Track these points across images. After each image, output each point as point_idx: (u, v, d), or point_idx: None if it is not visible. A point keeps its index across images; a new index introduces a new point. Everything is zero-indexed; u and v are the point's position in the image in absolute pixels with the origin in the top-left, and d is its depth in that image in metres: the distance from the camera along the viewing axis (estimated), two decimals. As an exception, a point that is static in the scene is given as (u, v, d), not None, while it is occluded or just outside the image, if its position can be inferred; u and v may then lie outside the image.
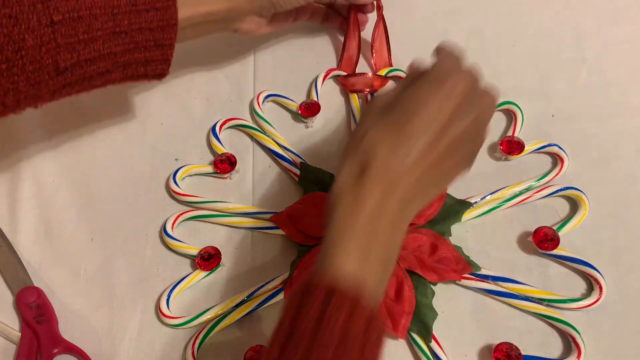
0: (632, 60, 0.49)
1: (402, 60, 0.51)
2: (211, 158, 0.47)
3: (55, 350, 0.40)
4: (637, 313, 0.39)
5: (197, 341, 0.39)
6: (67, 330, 0.41)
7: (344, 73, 0.51)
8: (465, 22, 0.53)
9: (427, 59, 0.50)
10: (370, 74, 0.50)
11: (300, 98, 0.50)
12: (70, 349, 0.40)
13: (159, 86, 0.52)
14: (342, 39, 0.52)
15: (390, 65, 0.51)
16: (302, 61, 0.52)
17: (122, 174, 0.47)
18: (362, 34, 0.52)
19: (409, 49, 0.51)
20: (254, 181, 0.46)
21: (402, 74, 0.49)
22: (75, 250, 0.44)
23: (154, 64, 0.40)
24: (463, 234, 0.42)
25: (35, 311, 0.41)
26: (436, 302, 0.40)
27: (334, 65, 0.52)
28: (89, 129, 0.50)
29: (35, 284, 0.43)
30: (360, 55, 0.52)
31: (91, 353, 0.40)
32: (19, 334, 0.41)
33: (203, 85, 0.52)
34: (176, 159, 0.48)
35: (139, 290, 0.42)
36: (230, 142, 0.48)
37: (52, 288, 0.43)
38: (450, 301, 0.40)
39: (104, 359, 0.40)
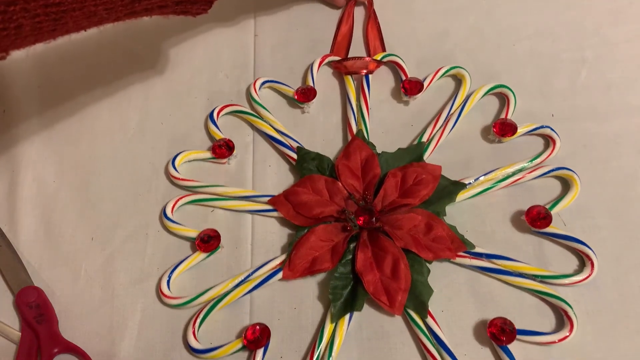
0: (632, 60, 0.49)
1: (403, 59, 0.51)
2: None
3: (56, 350, 0.40)
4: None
5: (198, 320, 0.40)
6: (67, 330, 0.41)
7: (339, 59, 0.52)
8: (465, 22, 0.53)
9: (427, 58, 0.51)
10: (366, 57, 0.51)
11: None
12: (71, 348, 0.40)
13: (159, 86, 0.52)
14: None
15: (384, 51, 0.52)
16: (302, 63, 0.52)
17: (122, 174, 0.47)
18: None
19: (409, 48, 0.52)
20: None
21: (397, 59, 0.50)
22: (75, 250, 0.44)
23: (199, 4, 0.44)
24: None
25: (35, 311, 0.41)
26: (432, 280, 0.40)
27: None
28: (89, 129, 0.50)
29: (35, 284, 0.43)
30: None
31: (91, 353, 0.40)
32: (19, 333, 0.41)
33: (203, 85, 0.52)
34: (176, 159, 0.48)
35: (139, 290, 0.42)
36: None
37: (52, 288, 0.43)
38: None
39: (104, 359, 0.40)
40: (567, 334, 0.37)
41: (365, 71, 0.50)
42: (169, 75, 0.53)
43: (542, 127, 0.45)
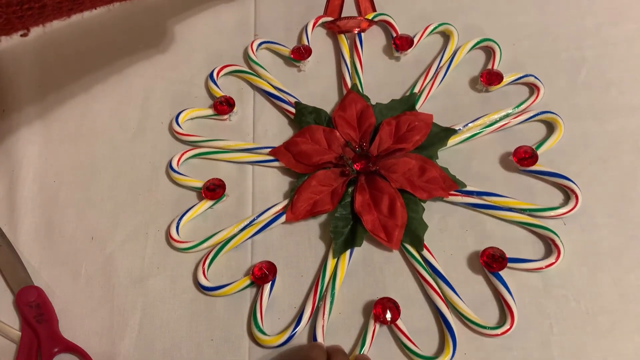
0: (632, 59, 0.49)
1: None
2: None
3: (56, 350, 0.40)
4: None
5: (207, 261, 0.42)
6: (68, 330, 0.41)
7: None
8: (465, 21, 0.53)
9: (427, 58, 0.51)
10: (358, 17, 0.53)
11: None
12: (71, 348, 0.40)
13: (159, 85, 0.52)
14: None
15: (374, 11, 0.54)
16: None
17: (122, 173, 0.47)
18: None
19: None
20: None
21: (388, 18, 0.52)
22: (75, 250, 0.44)
23: None
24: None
25: (35, 310, 0.41)
26: (426, 218, 0.42)
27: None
28: (89, 129, 0.50)
29: (36, 284, 0.43)
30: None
31: (91, 352, 0.40)
32: (19, 333, 0.41)
33: (204, 84, 0.52)
34: (176, 159, 0.48)
35: (139, 290, 0.42)
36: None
37: (52, 287, 0.43)
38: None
39: (104, 358, 0.40)
40: (554, 260, 0.40)
41: (357, 29, 0.52)
42: (170, 75, 0.53)
43: (526, 75, 0.48)
